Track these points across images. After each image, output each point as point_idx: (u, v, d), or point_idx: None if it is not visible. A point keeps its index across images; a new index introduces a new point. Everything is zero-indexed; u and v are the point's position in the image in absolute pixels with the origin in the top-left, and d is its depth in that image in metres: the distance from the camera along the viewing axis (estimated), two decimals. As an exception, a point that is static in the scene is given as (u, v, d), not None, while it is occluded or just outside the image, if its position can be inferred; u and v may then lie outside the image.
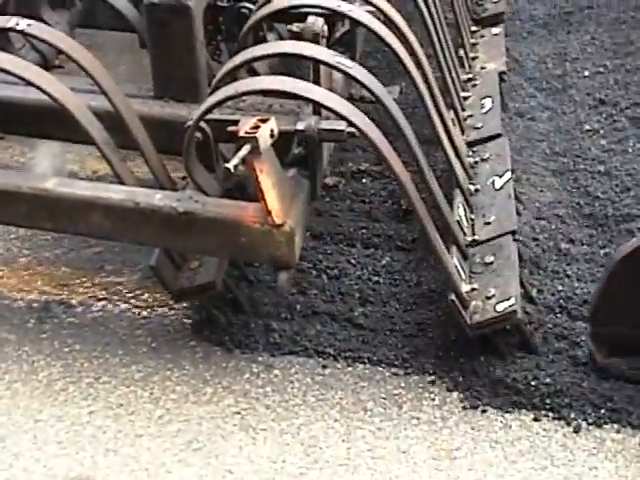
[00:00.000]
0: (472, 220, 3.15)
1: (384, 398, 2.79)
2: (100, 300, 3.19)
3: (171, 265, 2.88)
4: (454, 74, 3.62)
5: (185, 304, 3.11)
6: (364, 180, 3.64)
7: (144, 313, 3.13)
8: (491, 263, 2.92)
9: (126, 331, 3.07)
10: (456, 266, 2.83)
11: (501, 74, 3.96)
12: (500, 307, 2.73)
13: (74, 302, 3.19)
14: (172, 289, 2.88)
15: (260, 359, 2.93)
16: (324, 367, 2.89)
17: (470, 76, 3.94)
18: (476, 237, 3.05)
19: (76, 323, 3.10)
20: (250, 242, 2.55)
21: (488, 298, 2.79)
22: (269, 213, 2.47)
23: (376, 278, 3.16)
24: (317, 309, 3.05)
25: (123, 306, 3.16)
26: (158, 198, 2.63)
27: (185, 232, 2.61)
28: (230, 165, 2.26)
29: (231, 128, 2.44)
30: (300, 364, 2.91)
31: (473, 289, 2.84)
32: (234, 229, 2.55)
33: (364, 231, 3.37)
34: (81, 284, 3.26)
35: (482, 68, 4.02)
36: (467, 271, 2.92)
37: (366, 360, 2.89)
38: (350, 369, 2.88)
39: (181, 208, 2.58)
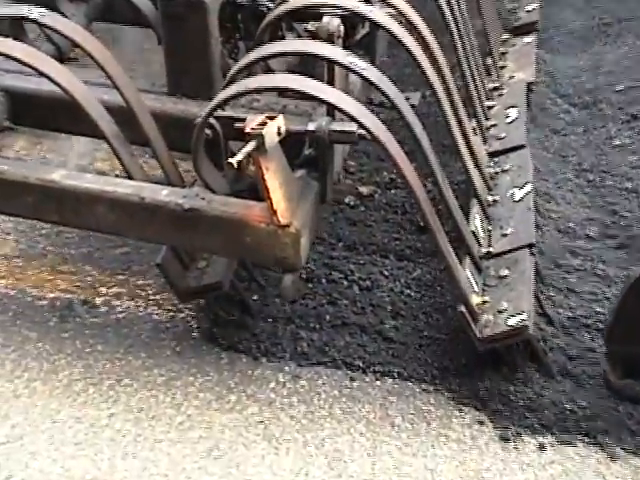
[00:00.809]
0: (489, 231, 3.10)
1: (412, 414, 2.74)
2: (124, 301, 3.17)
3: (178, 264, 2.86)
4: (478, 82, 3.56)
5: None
6: (397, 190, 3.58)
7: (169, 316, 3.11)
8: (505, 277, 2.87)
9: (150, 334, 3.04)
10: (468, 278, 2.78)
11: (529, 84, 3.91)
12: (512, 321, 2.68)
13: (98, 302, 3.17)
14: (178, 288, 2.86)
15: (287, 368, 2.89)
16: (352, 380, 2.85)
17: (497, 85, 3.88)
18: (491, 249, 3.00)
19: (99, 323, 3.08)
20: (255, 242, 2.51)
21: (500, 312, 2.74)
22: (274, 213, 2.42)
23: (408, 291, 3.12)
24: (347, 320, 3.01)
25: (148, 308, 3.14)
26: (164, 194, 2.60)
27: (190, 229, 2.58)
28: (234, 160, 2.22)
29: (238, 124, 2.41)
30: (328, 375, 2.87)
31: (485, 302, 2.79)
32: (239, 228, 2.52)
33: (397, 242, 3.33)
34: (105, 284, 3.24)
35: (510, 77, 3.96)
36: (480, 283, 2.87)
37: (395, 374, 2.85)
38: (379, 383, 2.84)
39: (187, 205, 2.55)
